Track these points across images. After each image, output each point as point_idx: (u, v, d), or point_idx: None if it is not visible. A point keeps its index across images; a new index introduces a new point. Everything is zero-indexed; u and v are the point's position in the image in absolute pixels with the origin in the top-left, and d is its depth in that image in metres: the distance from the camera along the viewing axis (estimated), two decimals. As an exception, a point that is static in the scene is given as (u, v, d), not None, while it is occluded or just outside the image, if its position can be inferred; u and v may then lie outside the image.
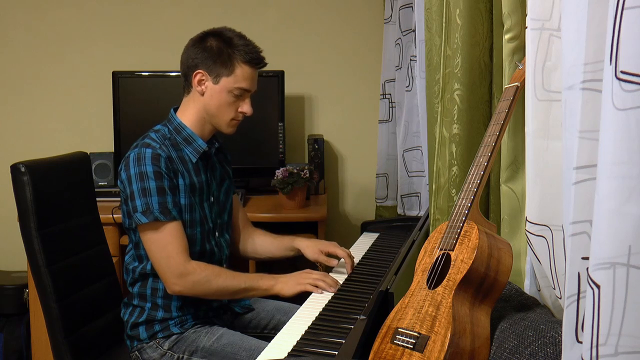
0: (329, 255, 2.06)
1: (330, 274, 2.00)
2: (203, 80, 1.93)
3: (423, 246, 1.32)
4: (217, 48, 1.91)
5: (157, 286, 1.94)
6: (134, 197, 1.84)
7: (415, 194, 2.76)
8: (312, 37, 3.39)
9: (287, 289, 1.90)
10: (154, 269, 1.89)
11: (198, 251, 1.94)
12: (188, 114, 1.97)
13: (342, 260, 2.06)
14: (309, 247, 2.08)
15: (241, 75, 1.92)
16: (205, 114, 1.96)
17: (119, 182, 1.91)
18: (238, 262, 2.18)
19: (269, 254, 2.19)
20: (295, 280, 1.91)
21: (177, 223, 1.86)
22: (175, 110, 2.00)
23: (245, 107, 1.96)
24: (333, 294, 1.84)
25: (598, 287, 0.72)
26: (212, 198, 2.02)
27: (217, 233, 2.04)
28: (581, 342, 0.84)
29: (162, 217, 1.83)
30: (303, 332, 1.56)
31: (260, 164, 3.12)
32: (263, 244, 2.19)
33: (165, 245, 1.85)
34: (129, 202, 1.87)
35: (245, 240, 2.20)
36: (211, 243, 2.01)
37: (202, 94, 1.94)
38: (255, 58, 1.94)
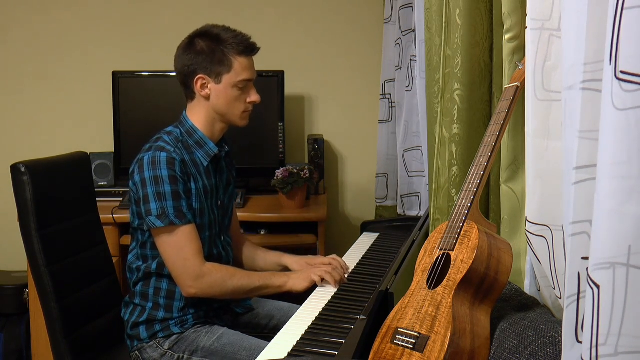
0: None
1: None
2: (205, 83, 1.93)
3: (423, 246, 1.32)
4: (209, 48, 1.91)
5: (160, 286, 1.94)
6: (148, 201, 1.84)
7: (415, 194, 2.76)
8: (312, 37, 3.39)
9: (298, 284, 1.91)
10: (163, 270, 1.91)
11: (207, 255, 1.95)
12: (197, 117, 1.97)
13: None
14: (296, 262, 2.10)
15: (240, 67, 1.92)
16: (216, 115, 1.96)
17: (130, 183, 1.91)
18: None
19: (253, 267, 2.20)
20: (304, 276, 1.93)
21: (192, 226, 1.87)
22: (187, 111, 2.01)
23: (254, 96, 1.97)
24: (333, 293, 1.84)
25: (598, 287, 0.72)
26: (219, 202, 2.02)
27: (222, 236, 2.05)
28: (581, 342, 0.84)
29: (177, 220, 1.84)
30: (303, 332, 1.57)
31: (260, 164, 3.12)
32: (250, 255, 2.21)
33: (181, 248, 1.85)
34: (141, 204, 1.86)
35: (236, 249, 2.21)
36: (218, 247, 2.02)
37: (208, 98, 1.94)
38: (247, 47, 1.94)
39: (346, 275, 2.00)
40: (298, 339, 1.53)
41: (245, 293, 1.94)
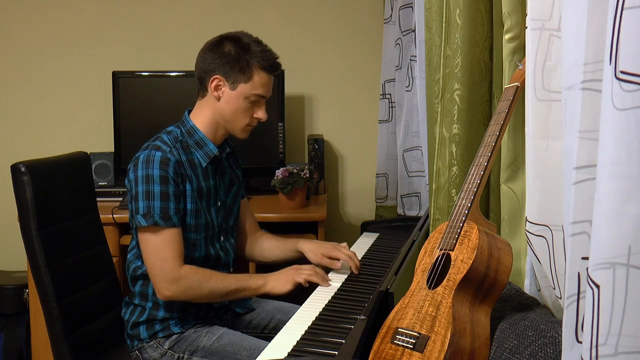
0: (332, 258, 2.04)
1: (333, 273, 2.00)
2: (220, 85, 1.92)
3: (423, 246, 1.32)
4: (235, 54, 1.91)
5: (159, 286, 1.94)
6: (137, 199, 1.84)
7: (415, 194, 2.76)
8: (312, 37, 3.39)
9: (278, 287, 1.90)
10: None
11: (203, 256, 1.94)
12: (201, 118, 1.97)
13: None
14: (312, 250, 2.07)
15: (259, 82, 1.92)
16: (220, 119, 1.96)
17: (126, 181, 1.91)
18: (238, 264, 2.19)
19: (275, 257, 2.19)
20: (285, 278, 1.92)
21: (176, 230, 1.86)
22: (189, 112, 2.00)
23: (261, 113, 1.97)
24: (334, 293, 1.84)
25: (598, 287, 0.72)
26: (219, 202, 2.02)
27: (222, 237, 2.04)
28: (581, 342, 0.84)
29: (161, 222, 1.83)
30: (303, 332, 1.57)
31: (260, 164, 3.12)
32: (270, 247, 2.20)
33: (160, 250, 1.84)
34: (132, 202, 1.87)
35: (253, 244, 2.20)
36: (216, 247, 2.01)
37: (218, 99, 1.93)
38: (272, 64, 1.94)
39: (347, 275, 2.00)
40: (298, 339, 1.53)
41: (221, 296, 1.92)
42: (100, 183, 3.12)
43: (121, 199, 2.97)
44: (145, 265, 1.88)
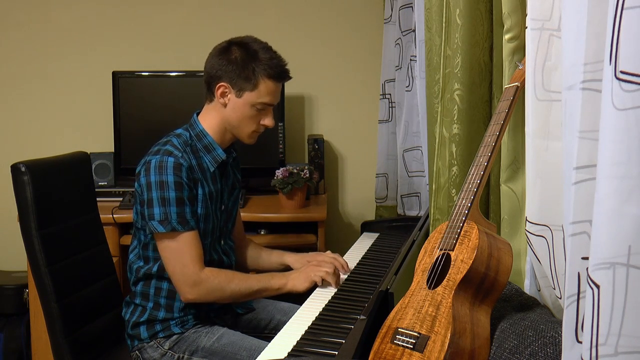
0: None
1: None
2: (226, 92, 1.92)
3: (423, 246, 1.32)
4: (242, 61, 1.89)
5: (160, 286, 1.94)
6: (152, 205, 1.84)
7: (415, 194, 2.76)
8: (312, 37, 3.39)
9: (299, 285, 1.91)
10: (164, 273, 1.90)
11: (207, 260, 1.94)
12: (209, 122, 1.96)
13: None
14: (297, 261, 2.11)
15: (265, 90, 1.91)
16: (227, 124, 1.96)
17: (136, 184, 1.91)
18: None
19: (257, 267, 2.21)
20: (305, 276, 1.93)
21: (194, 232, 1.87)
22: (197, 114, 2.00)
23: (268, 121, 1.96)
24: (333, 293, 1.85)
25: (598, 287, 0.72)
26: (222, 206, 2.02)
27: (222, 241, 2.05)
28: (581, 342, 0.84)
29: (179, 227, 1.84)
30: (303, 332, 1.57)
31: (260, 164, 3.12)
32: (253, 255, 2.22)
33: (181, 254, 1.85)
34: (145, 207, 1.86)
35: (237, 251, 2.21)
36: (218, 251, 2.01)
37: (225, 106, 1.93)
38: (279, 73, 1.93)
39: (347, 275, 2.00)
40: (298, 339, 1.53)
41: (243, 297, 1.93)
42: (100, 183, 3.12)
43: (121, 199, 2.97)
44: (167, 271, 1.88)
